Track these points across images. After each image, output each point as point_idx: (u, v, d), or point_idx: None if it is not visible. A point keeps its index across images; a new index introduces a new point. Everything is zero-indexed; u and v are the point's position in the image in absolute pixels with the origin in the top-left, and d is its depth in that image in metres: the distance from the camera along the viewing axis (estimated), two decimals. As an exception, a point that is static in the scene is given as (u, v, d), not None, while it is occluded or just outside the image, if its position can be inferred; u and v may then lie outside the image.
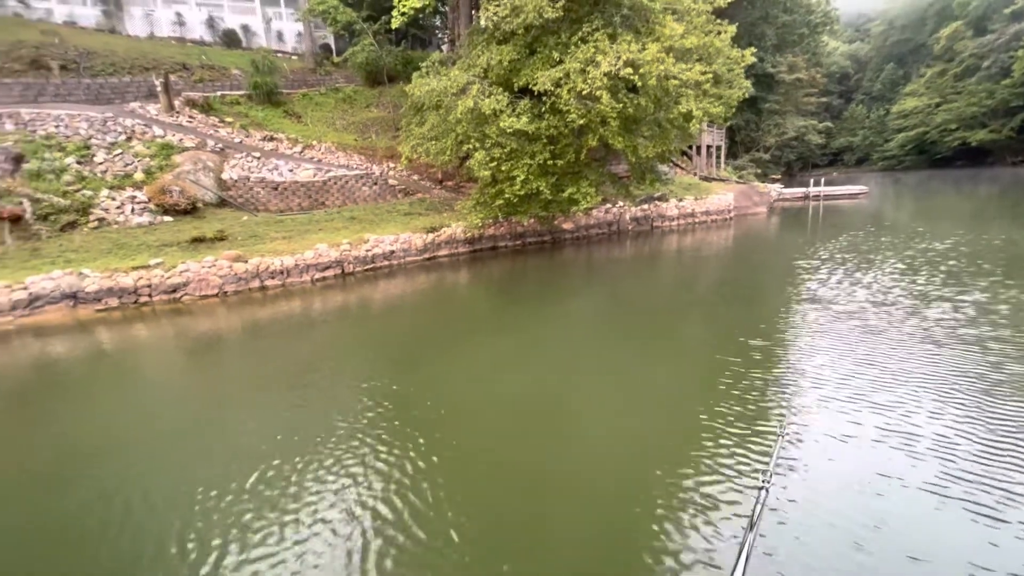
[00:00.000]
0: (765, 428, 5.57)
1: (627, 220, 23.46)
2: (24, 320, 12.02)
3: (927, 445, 5.07)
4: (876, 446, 5.11)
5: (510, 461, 5.47)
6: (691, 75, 14.09)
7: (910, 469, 4.70)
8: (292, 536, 4.36)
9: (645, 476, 4.99)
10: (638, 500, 4.63)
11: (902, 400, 6.02)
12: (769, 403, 6.21)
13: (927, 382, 6.46)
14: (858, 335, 8.32)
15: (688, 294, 13.15)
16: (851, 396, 6.20)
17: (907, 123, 60.75)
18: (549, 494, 4.84)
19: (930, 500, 4.31)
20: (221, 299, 13.76)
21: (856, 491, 4.42)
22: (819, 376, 6.87)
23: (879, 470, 4.70)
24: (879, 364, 7.08)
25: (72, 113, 18.66)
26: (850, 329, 8.65)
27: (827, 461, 4.91)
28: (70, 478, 5.60)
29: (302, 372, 8.57)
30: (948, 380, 6.48)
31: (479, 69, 15.82)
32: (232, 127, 23.39)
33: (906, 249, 15.23)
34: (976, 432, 5.25)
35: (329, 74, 32.46)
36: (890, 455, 4.94)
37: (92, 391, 8.51)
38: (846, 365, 7.16)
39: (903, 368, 6.90)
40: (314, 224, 18.24)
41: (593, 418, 6.41)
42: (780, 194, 34.11)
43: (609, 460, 5.38)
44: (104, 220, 15.82)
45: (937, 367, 6.88)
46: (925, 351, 7.45)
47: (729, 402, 6.25)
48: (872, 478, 4.59)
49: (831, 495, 4.40)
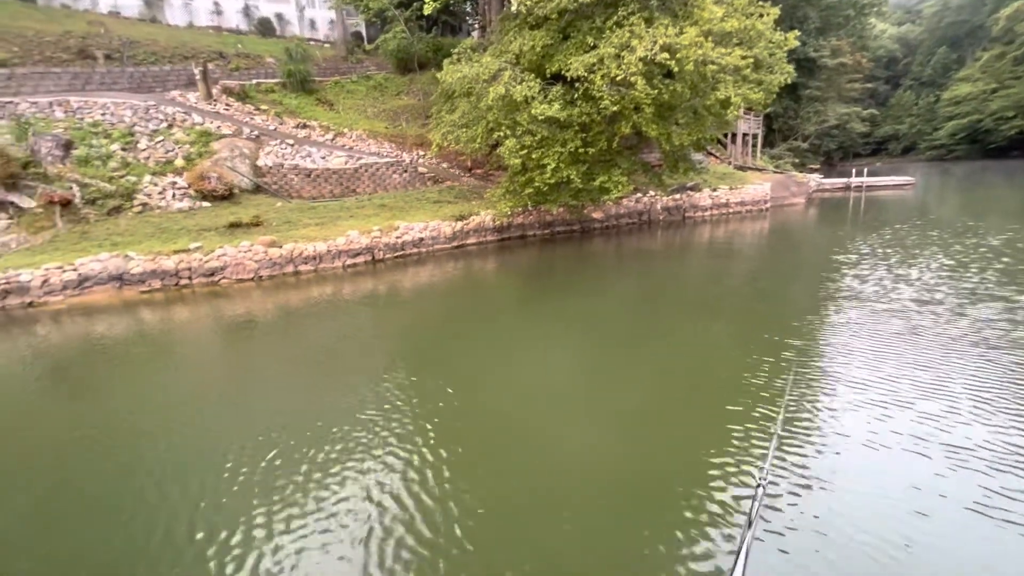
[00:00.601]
0: (791, 429, 5.41)
1: (658, 210, 22.99)
2: (74, 300, 12.61)
3: (967, 455, 4.82)
4: (911, 454, 4.88)
5: (520, 449, 5.51)
6: (730, 60, 13.58)
7: (949, 481, 4.47)
8: (315, 505, 4.54)
9: (656, 472, 4.94)
10: (646, 495, 4.60)
11: (943, 405, 5.72)
12: (794, 406, 5.98)
13: (972, 387, 6.11)
14: (899, 335, 7.93)
15: (719, 288, 12.80)
16: (887, 400, 5.92)
17: (959, 110, 57.48)
18: (556, 485, 4.84)
19: (965, 515, 4.13)
20: (256, 283, 14.14)
21: (890, 503, 4.24)
22: (853, 378, 6.57)
23: (913, 480, 4.49)
24: (920, 366, 6.73)
25: (117, 101, 19.31)
26: (890, 329, 8.25)
27: (859, 469, 4.71)
28: (112, 445, 5.95)
29: (332, 355, 8.79)
30: (997, 386, 6.12)
31: (511, 55, 15.63)
32: (267, 115, 23.84)
33: (954, 244, 14.49)
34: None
35: (360, 62, 32.68)
36: (926, 464, 4.71)
37: (137, 367, 8.89)
38: (883, 367, 6.82)
39: (947, 372, 6.55)
40: (345, 211, 18.49)
41: (608, 411, 6.34)
42: (819, 184, 32.84)
43: (621, 453, 5.35)
44: (147, 205, 16.39)
45: (986, 372, 6.50)
46: (973, 354, 7.04)
47: (750, 400, 6.08)
48: (905, 489, 4.40)
49: (864, 506, 4.23)
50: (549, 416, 6.28)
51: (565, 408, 6.51)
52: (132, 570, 4.01)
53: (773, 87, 16.04)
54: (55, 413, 7.21)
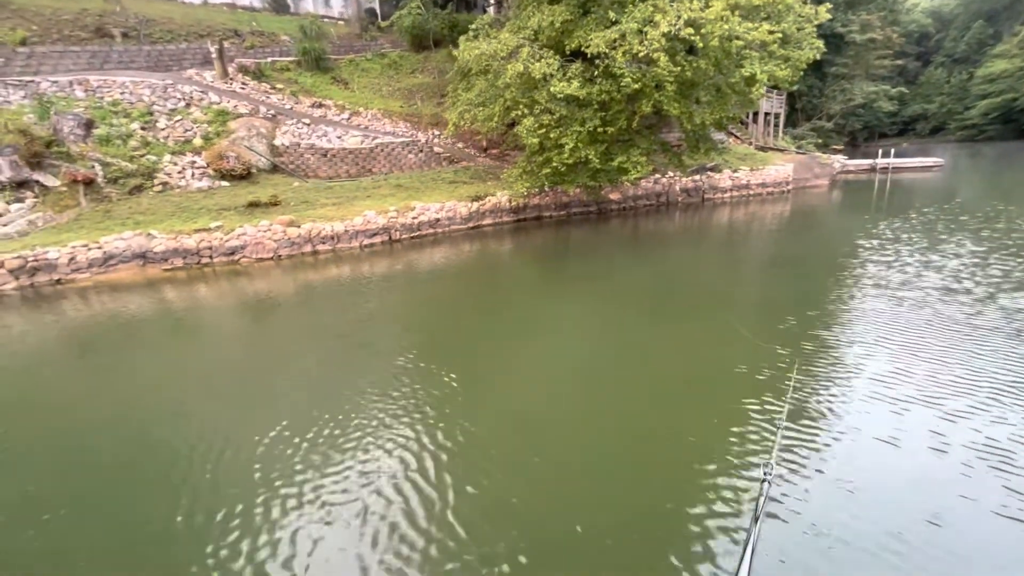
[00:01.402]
0: (801, 422, 5.26)
1: (677, 191, 22.61)
2: (100, 277, 12.88)
3: (990, 455, 4.61)
4: (929, 451, 4.70)
5: (528, 431, 5.51)
6: (757, 35, 13.13)
7: (969, 481, 4.31)
8: (334, 483, 4.64)
9: (663, 460, 4.89)
10: (654, 484, 4.55)
11: (966, 401, 5.48)
12: (807, 397, 5.81)
13: (1000, 382, 5.83)
14: (921, 325, 7.63)
15: (736, 273, 12.52)
16: (905, 393, 5.68)
17: (993, 88, 55.14)
18: (561, 469, 4.82)
19: (984, 517, 3.97)
20: (275, 262, 14.28)
21: (904, 501, 4.12)
22: (869, 369, 6.32)
23: (929, 478, 4.35)
24: (943, 359, 6.46)
25: (135, 80, 19.38)
26: (913, 318, 7.94)
27: (871, 465, 4.56)
28: (137, 419, 6.10)
29: (352, 334, 8.90)
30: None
31: (529, 31, 15.29)
32: (282, 93, 23.77)
33: (984, 229, 14.00)
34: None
35: (375, 39, 32.30)
36: (945, 462, 4.54)
37: (162, 343, 9.09)
38: (904, 359, 6.54)
39: (971, 364, 6.26)
40: (362, 191, 18.50)
41: (617, 395, 6.28)
42: (843, 166, 31.94)
43: (627, 440, 5.29)
44: (167, 184, 16.55)
45: (1014, 366, 6.21)
46: (1002, 347, 6.71)
47: (759, 389, 5.95)
48: (920, 487, 4.26)
49: (876, 504, 4.10)
50: (557, 399, 6.30)
51: (572, 391, 6.51)
52: (150, 544, 4.10)
53: (801, 63, 15.49)
54: (83, 386, 7.42)
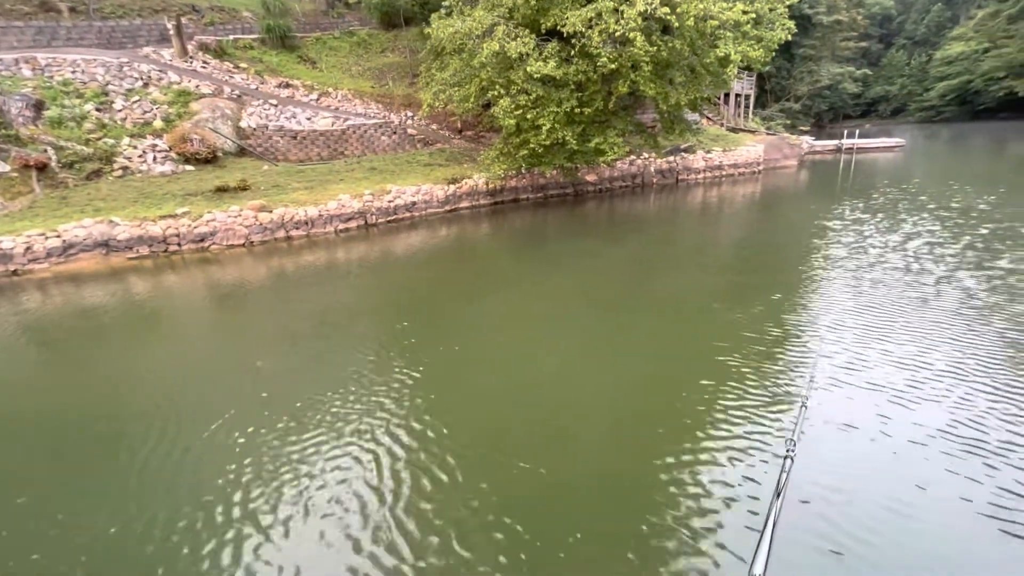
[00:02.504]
0: (787, 398, 5.29)
1: (652, 172, 22.80)
2: (59, 268, 12.27)
3: (946, 436, 4.63)
4: (955, 440, 4.57)
5: (527, 420, 5.37)
6: (731, 15, 13.20)
7: (998, 473, 4.19)
8: (308, 475, 4.54)
9: (660, 440, 4.82)
10: (656, 466, 4.45)
11: (946, 380, 5.45)
12: (794, 375, 5.88)
13: (958, 362, 5.89)
14: (900, 305, 7.73)
15: (713, 254, 12.68)
16: (924, 379, 5.52)
17: (950, 70, 57.05)
18: (565, 455, 4.69)
19: (927, 497, 3.99)
20: (248, 249, 13.86)
21: (928, 487, 4.06)
22: (850, 350, 6.31)
23: (957, 470, 4.24)
24: (924, 341, 6.43)
25: (88, 58, 18.28)
26: (891, 298, 8.04)
27: (893, 448, 4.51)
28: (101, 414, 5.84)
29: (328, 321, 8.69)
30: (968, 350, 6.11)
31: (504, 9, 14.98)
32: (247, 73, 22.81)
33: (943, 209, 14.59)
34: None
35: (342, 16, 31.21)
36: (974, 452, 4.43)
37: (128, 335, 8.73)
38: (884, 338, 6.56)
39: (951, 347, 6.24)
40: (335, 174, 18.03)
41: (617, 377, 6.23)
42: (811, 146, 32.72)
43: (634, 420, 5.25)
44: (128, 169, 15.78)
45: (969, 337, 6.43)
46: (970, 324, 6.86)
47: (748, 366, 6.03)
48: (946, 475, 4.18)
49: (901, 488, 4.05)
50: (556, 381, 6.24)
51: (572, 372, 6.42)
52: (114, 544, 3.93)
53: (773, 44, 15.67)
54: (42, 381, 7.10)
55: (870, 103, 67.16)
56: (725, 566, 3.46)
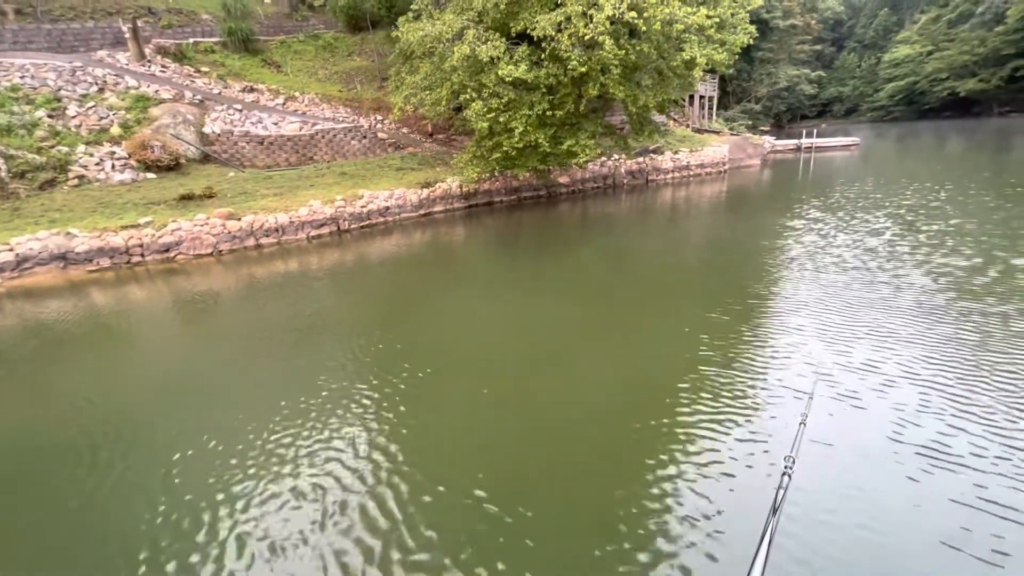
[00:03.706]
0: (785, 414, 5.11)
1: (622, 173, 23.19)
2: (13, 283, 11.65)
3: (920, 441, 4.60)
4: (954, 453, 4.48)
5: (513, 426, 5.27)
6: (696, 19, 13.57)
7: (994, 482, 4.12)
8: (280, 487, 4.43)
9: (650, 454, 4.70)
10: (649, 480, 4.35)
11: (994, 400, 5.15)
12: (791, 390, 5.86)
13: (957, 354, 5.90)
14: (874, 303, 7.67)
15: (685, 254, 12.85)
16: (929, 391, 5.37)
17: (898, 72, 60.06)
18: (557, 466, 4.58)
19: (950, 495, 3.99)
20: (216, 258, 13.44)
21: (928, 499, 4.02)
22: (850, 366, 6.02)
23: (959, 480, 4.17)
24: (967, 348, 6.18)
25: (37, 63, 17.43)
26: (846, 295, 8.07)
27: (889, 461, 4.43)
28: (63, 436, 5.54)
29: (302, 330, 8.45)
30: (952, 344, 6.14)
31: (473, 13, 15.02)
32: (209, 77, 22.18)
33: (899, 206, 15.32)
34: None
35: (306, 19, 30.65)
36: (973, 464, 4.34)
37: (90, 352, 8.34)
38: (926, 349, 6.23)
39: (991, 357, 5.92)
40: (304, 180, 17.68)
41: (593, 379, 6.15)
42: (773, 146, 33.88)
43: (624, 428, 5.12)
44: (84, 178, 15.11)
45: (949, 329, 6.50)
46: (940, 316, 6.94)
47: (743, 379, 5.92)
48: (948, 487, 4.10)
49: (898, 500, 4.01)
50: (536, 383, 6.21)
51: (555, 380, 6.29)
52: (77, 568, 3.80)
53: (736, 47, 16.19)
54: (20, 405, 6.71)
55: (825, 104, 70.01)
56: (721, 583, 3.45)
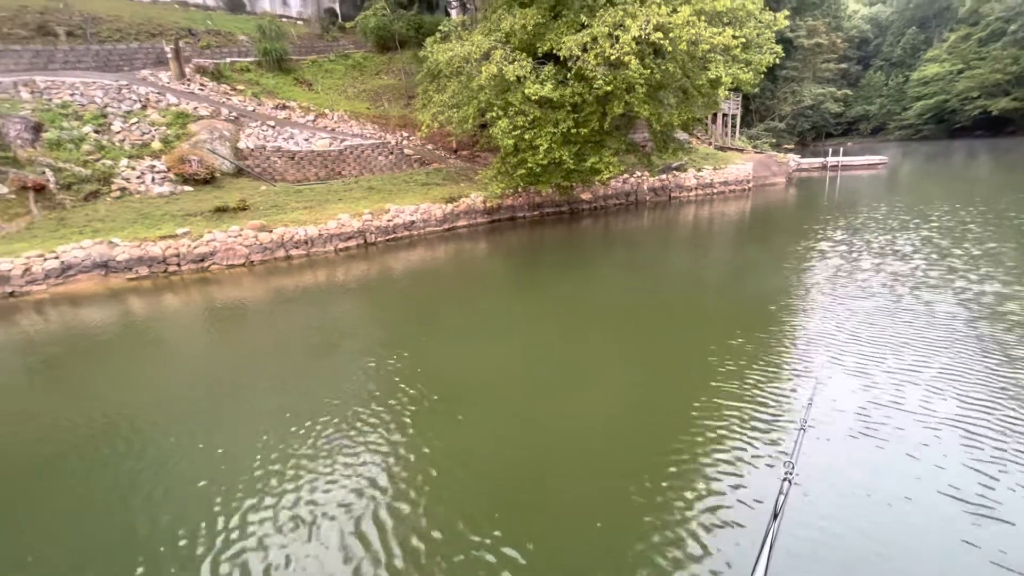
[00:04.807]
0: (785, 417, 5.28)
1: (645, 190, 23.22)
2: (57, 289, 12.17)
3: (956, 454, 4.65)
4: (952, 460, 4.60)
5: (527, 434, 5.42)
6: (721, 39, 13.68)
7: (997, 489, 4.21)
8: (308, 495, 4.55)
9: (660, 455, 4.83)
10: (653, 485, 4.44)
11: (994, 408, 5.29)
12: (792, 397, 5.82)
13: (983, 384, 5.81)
14: (898, 322, 7.64)
15: (706, 274, 12.70)
16: (927, 399, 5.52)
17: (927, 91, 59.08)
18: (564, 476, 4.73)
19: (952, 508, 4.03)
20: (248, 268, 13.85)
21: (926, 505, 4.09)
22: (886, 371, 6.18)
23: (955, 487, 4.27)
24: (968, 363, 6.28)
25: (87, 81, 18.38)
26: (893, 317, 7.90)
27: (889, 469, 4.53)
28: (100, 438, 5.76)
29: (330, 341, 8.71)
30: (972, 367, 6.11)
31: (501, 34, 15.40)
32: (244, 95, 23.04)
33: (932, 226, 14.99)
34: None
35: (336, 40, 31.72)
36: (971, 470, 4.45)
37: (128, 357, 8.65)
38: (924, 361, 6.39)
39: (991, 371, 6.07)
40: (333, 194, 18.16)
41: (607, 393, 6.28)
42: (798, 164, 33.55)
43: (630, 440, 5.25)
44: (126, 190, 15.78)
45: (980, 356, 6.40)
46: (967, 341, 6.84)
47: (746, 387, 6.01)
48: (945, 493, 4.21)
49: (897, 508, 4.08)
50: (551, 397, 6.29)
51: (570, 393, 6.41)
52: (113, 566, 3.96)
53: (762, 67, 16.24)
54: (40, 405, 6.97)
55: (851, 122, 69.08)
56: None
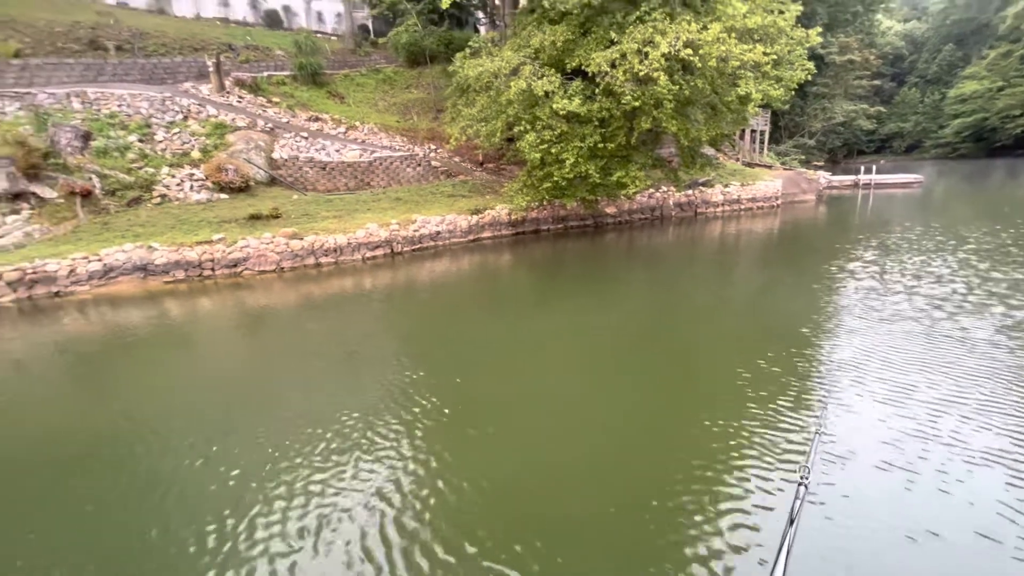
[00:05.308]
0: (803, 427, 5.42)
1: (670, 205, 23.06)
2: (99, 290, 12.68)
3: None
4: (966, 466, 4.76)
5: (543, 445, 5.51)
6: (752, 56, 13.62)
7: (1007, 497, 4.35)
8: (329, 500, 4.63)
9: (679, 467, 4.93)
10: (676, 492, 4.55)
11: (1000, 418, 5.46)
12: (837, 404, 6.03)
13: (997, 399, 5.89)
14: (934, 348, 7.42)
15: (731, 288, 12.65)
16: (937, 409, 5.69)
17: (965, 108, 57.37)
18: (581, 483, 4.82)
19: (985, 551, 3.99)
20: (278, 274, 14.21)
21: (937, 512, 4.23)
22: (899, 383, 6.36)
23: (965, 494, 4.41)
24: (964, 388, 6.22)
25: (133, 92, 19.29)
26: (928, 343, 7.66)
27: (903, 473, 4.68)
28: (130, 435, 6.00)
29: (355, 348, 8.89)
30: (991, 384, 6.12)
31: (531, 50, 15.64)
32: (279, 107, 23.82)
33: (972, 246, 14.50)
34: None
35: (368, 55, 32.63)
36: (983, 479, 4.58)
37: (162, 358, 8.99)
38: (933, 373, 6.54)
39: (998, 383, 6.23)
40: (362, 204, 18.54)
41: (636, 406, 6.36)
42: (829, 182, 32.90)
43: (652, 450, 5.36)
44: (166, 196, 16.42)
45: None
46: (998, 363, 6.79)
47: (763, 398, 6.10)
48: (953, 500, 4.34)
49: (912, 514, 4.19)
50: (571, 407, 6.34)
51: (588, 403, 6.49)
52: (137, 563, 4.07)
53: (793, 83, 16.10)
54: (82, 402, 7.28)
55: (884, 139, 67.47)
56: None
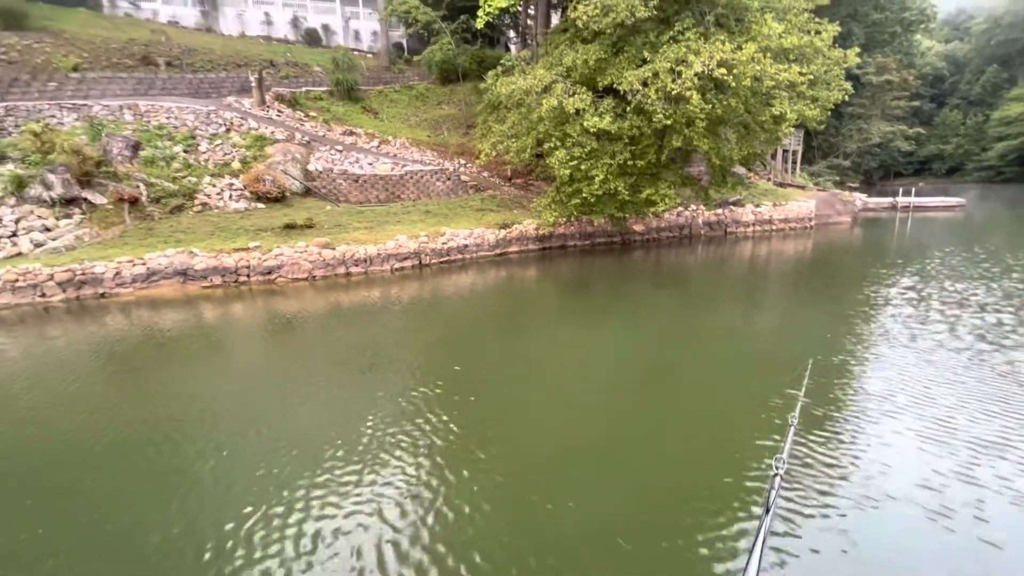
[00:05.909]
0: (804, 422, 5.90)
1: (700, 224, 22.78)
2: (142, 292, 13.21)
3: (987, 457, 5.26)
4: (929, 455, 5.36)
5: (546, 445, 6.00)
6: (787, 76, 13.49)
7: (971, 481, 4.88)
8: (352, 508, 4.79)
9: (674, 463, 5.50)
10: (665, 485, 5.04)
11: (969, 416, 6.08)
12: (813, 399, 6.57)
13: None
14: (978, 383, 7.13)
15: (760, 311, 12.37)
16: (909, 406, 6.34)
17: (1010, 131, 55.28)
18: (574, 474, 5.29)
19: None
20: (310, 283, 14.56)
21: (905, 501, 4.65)
22: (875, 382, 7.14)
23: (927, 480, 4.93)
24: (1011, 428, 6.02)
25: (181, 105, 20.23)
26: (972, 377, 7.34)
27: (875, 465, 5.23)
28: (166, 433, 6.27)
29: (383, 356, 9.12)
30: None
31: (563, 68, 15.83)
32: (316, 121, 24.61)
33: (1019, 270, 13.91)
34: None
35: (402, 72, 33.53)
36: (944, 466, 5.16)
37: (197, 359, 9.35)
38: (912, 379, 7.20)
39: (966, 384, 6.95)
40: (392, 216, 18.90)
41: (630, 407, 6.92)
42: (865, 203, 32.02)
43: (641, 447, 5.84)
44: (207, 204, 17.07)
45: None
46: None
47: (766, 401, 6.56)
48: (919, 487, 4.83)
49: (882, 503, 4.63)
50: (575, 415, 6.75)
51: (586, 404, 7.08)
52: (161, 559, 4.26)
53: (829, 104, 15.84)
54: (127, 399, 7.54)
55: (923, 161, 65.42)
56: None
